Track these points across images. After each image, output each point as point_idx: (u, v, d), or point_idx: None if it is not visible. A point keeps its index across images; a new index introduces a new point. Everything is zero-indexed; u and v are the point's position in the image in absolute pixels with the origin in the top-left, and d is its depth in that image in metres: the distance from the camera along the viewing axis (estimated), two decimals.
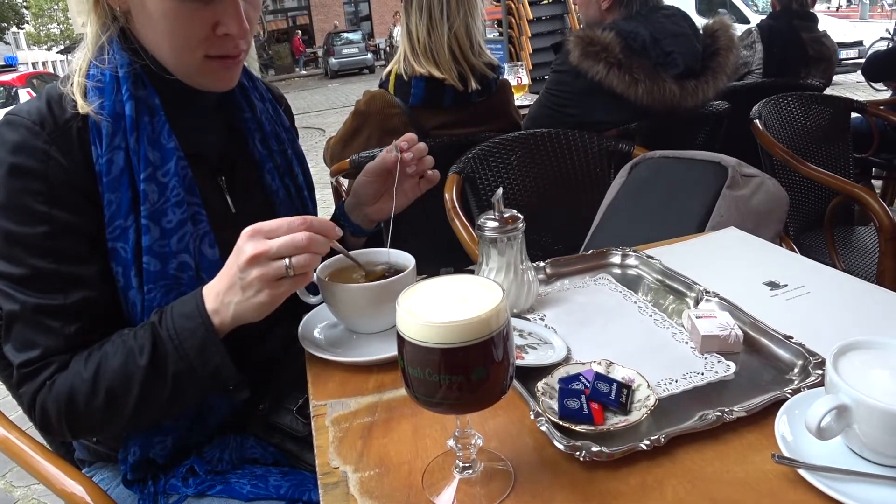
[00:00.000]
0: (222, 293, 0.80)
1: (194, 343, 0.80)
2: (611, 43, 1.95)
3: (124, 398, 0.82)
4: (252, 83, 1.08)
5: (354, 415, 0.77)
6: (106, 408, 0.83)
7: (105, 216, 0.86)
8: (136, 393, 0.82)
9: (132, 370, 0.81)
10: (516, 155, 1.89)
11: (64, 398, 0.83)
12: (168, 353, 0.81)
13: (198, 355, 0.80)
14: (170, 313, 0.83)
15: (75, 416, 0.84)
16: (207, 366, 0.81)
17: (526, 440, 0.70)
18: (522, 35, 5.23)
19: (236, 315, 0.80)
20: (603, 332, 0.92)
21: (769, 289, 1.01)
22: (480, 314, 0.53)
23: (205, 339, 0.80)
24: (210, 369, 0.81)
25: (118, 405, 0.83)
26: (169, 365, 0.81)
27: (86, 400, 0.82)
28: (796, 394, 0.73)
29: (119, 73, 0.89)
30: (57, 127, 0.85)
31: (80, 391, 0.82)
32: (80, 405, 0.83)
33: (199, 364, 0.81)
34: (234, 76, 0.95)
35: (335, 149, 2.17)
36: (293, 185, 1.10)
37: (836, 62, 3.14)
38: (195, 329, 0.80)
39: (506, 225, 0.91)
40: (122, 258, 0.87)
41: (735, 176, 1.49)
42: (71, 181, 0.84)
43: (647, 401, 0.72)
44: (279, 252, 0.76)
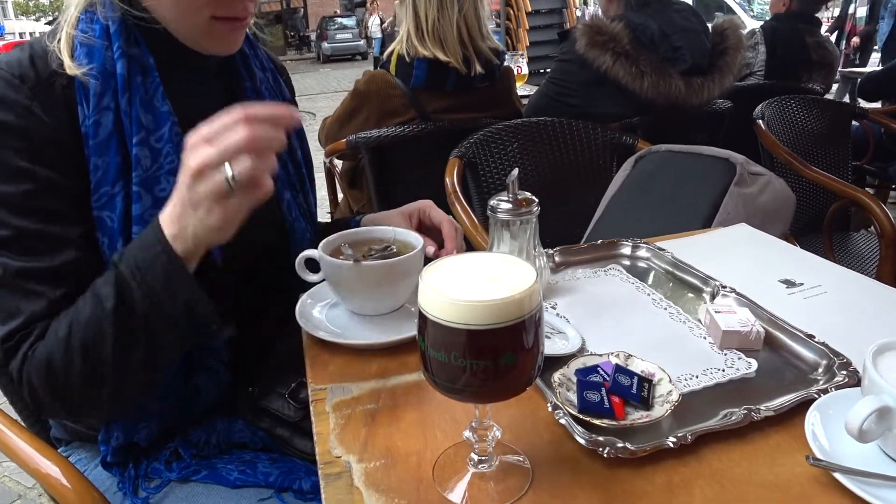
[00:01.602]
0: (177, 217, 0.71)
1: (157, 274, 0.71)
2: (619, 33, 1.92)
3: (99, 352, 0.73)
4: (253, 51, 1.02)
5: (357, 401, 0.72)
6: (84, 367, 0.74)
7: (91, 182, 0.80)
8: (111, 344, 0.73)
9: (100, 318, 0.73)
10: (519, 142, 1.84)
11: (43, 365, 0.75)
12: (133, 290, 0.72)
13: (164, 288, 0.72)
14: (129, 249, 0.75)
15: (56, 383, 0.76)
16: (176, 299, 0.72)
17: (542, 434, 0.66)
18: (520, 27, 5.19)
19: (197, 238, 0.71)
20: (617, 323, 0.88)
21: (785, 287, 0.98)
22: (514, 294, 0.48)
23: (168, 268, 0.71)
24: (180, 303, 0.73)
25: (95, 362, 0.74)
26: (136, 305, 0.72)
27: (63, 363, 0.74)
28: (824, 394, 0.69)
29: (111, 27, 0.82)
30: (39, 82, 0.79)
31: (56, 354, 0.74)
32: (59, 370, 0.75)
33: (166, 298, 0.72)
34: (238, 39, 0.89)
35: (331, 129, 2.11)
36: (291, 161, 1.05)
37: (837, 68, 3.13)
38: (155, 258, 0.72)
39: (520, 207, 0.86)
40: (108, 228, 0.81)
41: (743, 173, 1.46)
42: (54, 139, 0.78)
43: (670, 396, 0.68)
44: (221, 158, 0.66)
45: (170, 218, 0.72)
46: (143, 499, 0.89)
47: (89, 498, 0.79)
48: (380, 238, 0.91)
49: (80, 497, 0.78)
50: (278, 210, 1.01)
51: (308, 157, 1.09)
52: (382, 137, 1.93)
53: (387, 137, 1.93)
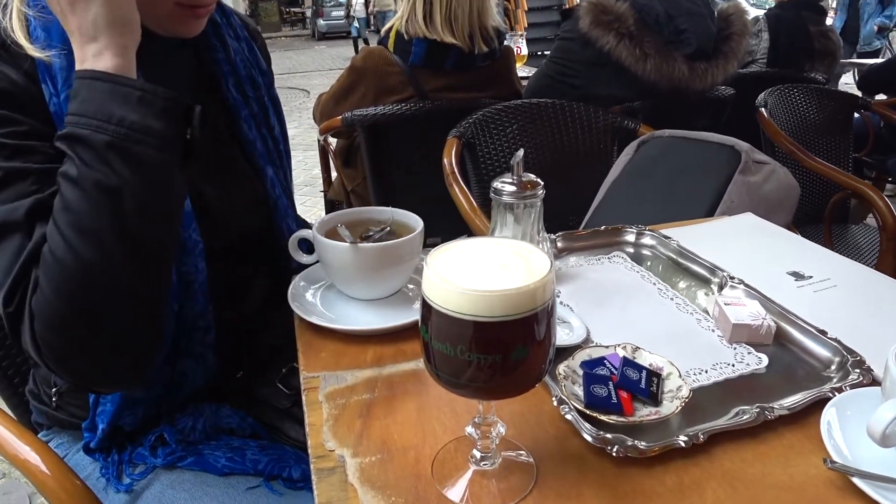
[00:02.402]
0: (76, 31, 0.69)
1: (95, 99, 0.67)
2: (624, 13, 1.87)
3: (89, 221, 0.66)
4: (226, 19, 0.95)
5: (351, 390, 0.69)
6: (84, 250, 0.66)
7: None
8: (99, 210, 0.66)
9: (74, 190, 0.66)
10: (518, 123, 1.80)
11: (51, 291, 0.66)
12: (86, 138, 0.66)
13: (107, 100, 0.67)
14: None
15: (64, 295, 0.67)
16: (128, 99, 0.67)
17: (547, 429, 0.63)
18: (519, 8, 5.11)
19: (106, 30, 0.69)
20: (622, 313, 0.84)
21: (794, 279, 0.95)
22: (528, 284, 0.45)
23: (100, 85, 0.67)
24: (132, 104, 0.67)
25: (94, 238, 0.66)
26: (97, 149, 0.66)
27: (60, 263, 0.66)
28: (838, 392, 0.66)
29: None
30: (1, 45, 0.74)
31: (52, 260, 0.66)
32: (63, 276, 0.66)
33: (116, 110, 0.66)
34: (203, 23, 0.84)
35: (327, 105, 2.06)
36: (270, 135, 0.99)
37: (839, 58, 3.09)
38: (88, 90, 0.67)
39: (525, 190, 0.82)
40: None
41: (748, 161, 1.43)
42: (27, 97, 0.73)
43: (680, 391, 0.65)
44: None
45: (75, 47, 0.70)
46: (127, 485, 0.85)
47: (69, 485, 0.75)
48: (378, 219, 0.87)
49: (60, 484, 0.75)
50: (262, 186, 0.96)
51: (285, 132, 1.04)
52: (379, 115, 1.88)
53: (383, 115, 1.88)
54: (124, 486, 0.85)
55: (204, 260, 0.84)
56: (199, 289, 0.83)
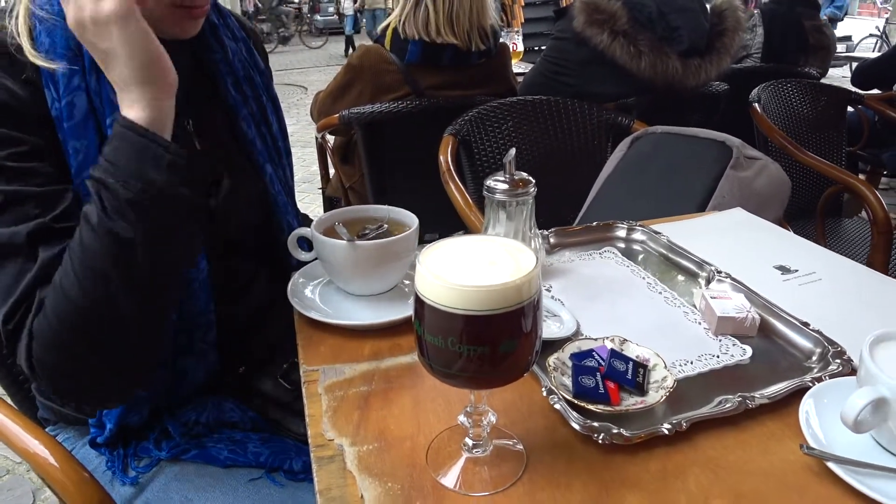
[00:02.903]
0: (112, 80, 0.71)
1: (126, 151, 0.69)
2: (617, 12, 1.89)
3: (101, 268, 0.68)
4: (223, 20, 0.97)
5: (349, 382, 0.72)
6: (93, 294, 0.68)
7: (72, 167, 0.77)
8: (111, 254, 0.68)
9: (91, 233, 0.68)
10: (514, 120, 1.82)
11: (55, 321, 0.69)
12: (111, 186, 0.68)
13: (136, 158, 0.69)
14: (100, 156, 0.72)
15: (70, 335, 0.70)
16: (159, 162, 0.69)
17: (537, 418, 0.65)
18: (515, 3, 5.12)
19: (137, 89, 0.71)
20: (612, 307, 0.87)
21: (780, 273, 0.97)
22: (515, 279, 0.47)
23: (132, 137, 0.69)
24: (163, 166, 0.69)
25: (101, 279, 0.68)
26: (119, 199, 0.67)
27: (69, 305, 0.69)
28: (818, 382, 0.69)
29: None
30: (3, 54, 0.76)
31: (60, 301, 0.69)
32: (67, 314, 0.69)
33: (143, 168, 0.68)
34: (198, 24, 0.85)
35: (324, 103, 2.07)
36: (269, 133, 1.01)
37: (833, 52, 3.11)
38: (121, 139, 0.69)
39: (517, 188, 0.85)
40: None
41: (739, 157, 1.45)
42: (28, 111, 0.75)
43: (665, 382, 0.68)
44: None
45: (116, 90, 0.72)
46: (133, 478, 0.88)
47: (77, 477, 0.78)
48: (374, 217, 0.89)
49: (68, 476, 0.77)
50: (262, 184, 0.99)
51: (284, 130, 1.07)
52: (376, 113, 1.90)
53: (380, 113, 1.90)
54: (130, 479, 0.88)
55: (205, 258, 0.86)
56: (201, 287, 0.86)
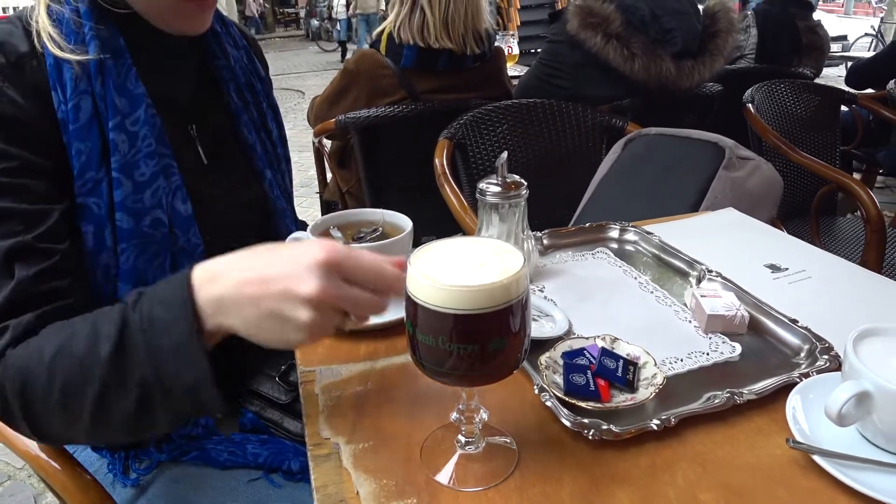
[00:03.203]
0: (231, 300, 0.61)
1: (170, 339, 0.60)
2: (611, 15, 1.91)
3: (80, 398, 0.63)
4: (226, 28, 1.00)
5: (346, 383, 0.73)
6: (61, 405, 0.64)
7: (74, 168, 0.78)
8: (94, 394, 0.63)
9: (92, 360, 0.63)
10: (508, 123, 1.84)
11: (19, 382, 0.65)
12: (137, 344, 0.62)
13: (172, 357, 0.61)
14: (149, 294, 0.64)
15: (31, 410, 0.66)
16: (182, 375, 0.61)
17: (528, 416, 0.67)
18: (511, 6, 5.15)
19: (232, 328, 0.62)
20: (604, 307, 0.88)
21: (770, 271, 0.99)
22: (502, 279, 0.49)
23: (184, 338, 0.60)
24: (185, 384, 0.61)
25: (74, 406, 0.64)
26: (136, 361, 0.62)
27: (42, 391, 0.64)
28: (806, 378, 0.70)
29: (80, 8, 0.81)
30: (10, 64, 0.76)
31: (37, 378, 0.64)
32: (37, 396, 0.65)
33: (171, 368, 0.61)
34: (207, 18, 0.87)
35: (321, 108, 2.09)
36: (268, 139, 1.04)
37: (827, 52, 3.13)
38: (174, 322, 0.61)
39: (509, 190, 0.86)
40: (94, 215, 0.79)
41: (732, 157, 1.47)
42: (27, 122, 0.75)
43: (655, 379, 0.69)
44: (354, 308, 0.60)
45: (216, 278, 0.62)
46: (134, 480, 0.89)
47: (79, 479, 0.79)
48: (369, 220, 0.91)
49: (70, 478, 0.79)
50: (261, 188, 1.00)
51: (283, 136, 1.09)
52: (372, 118, 1.92)
53: (376, 117, 1.92)
54: (131, 481, 0.89)
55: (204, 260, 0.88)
56: None
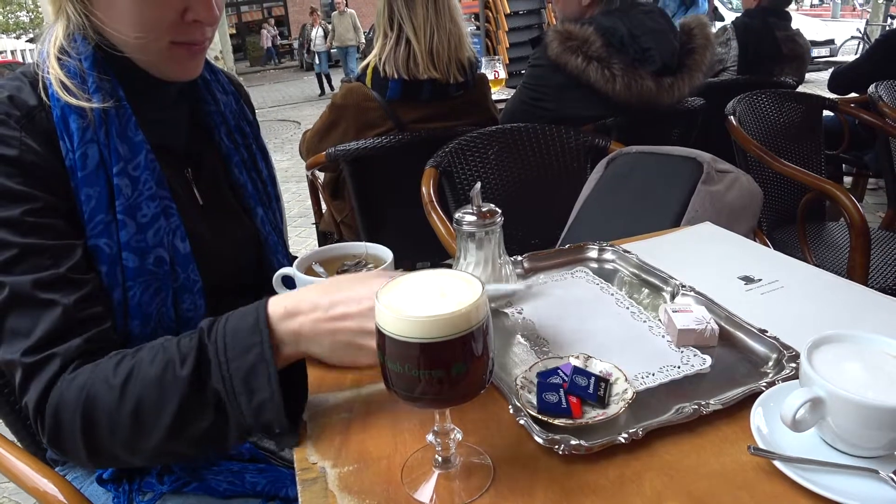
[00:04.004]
0: (308, 332, 0.72)
1: (243, 365, 0.69)
2: (590, 37, 1.96)
3: (156, 416, 0.70)
4: (214, 76, 1.07)
5: (332, 410, 0.77)
6: (133, 425, 0.71)
7: (84, 212, 0.84)
8: (173, 411, 0.70)
9: (170, 382, 0.70)
10: (493, 149, 1.89)
11: (84, 401, 0.72)
12: (211, 369, 0.70)
13: (244, 382, 0.69)
14: (225, 324, 0.73)
15: (95, 430, 0.72)
16: (252, 397, 0.69)
17: (505, 434, 0.70)
18: (500, 29, 5.23)
19: (316, 356, 0.76)
20: (581, 325, 0.92)
21: (744, 283, 1.02)
22: (460, 308, 0.53)
23: (257, 365, 0.69)
24: (255, 402, 0.69)
25: (147, 424, 0.71)
26: (210, 384, 0.70)
27: (110, 410, 0.71)
28: (771, 387, 0.73)
29: (83, 63, 0.87)
30: (23, 116, 0.83)
31: (105, 399, 0.71)
32: (103, 415, 0.71)
33: (242, 392, 0.69)
34: (198, 65, 0.94)
35: (311, 142, 2.15)
36: (259, 178, 1.10)
37: (808, 60, 3.19)
38: (249, 349, 0.70)
39: (484, 219, 0.91)
40: (106, 255, 0.85)
41: (710, 171, 1.51)
42: (44, 167, 0.82)
43: (625, 394, 0.72)
44: None
45: (297, 314, 0.72)
46: None
47: None
48: (352, 254, 0.95)
49: None
50: (253, 225, 1.05)
51: (273, 176, 1.15)
52: (361, 149, 1.97)
53: (365, 149, 1.97)
54: None
55: (203, 297, 0.93)
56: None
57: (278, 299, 0.74)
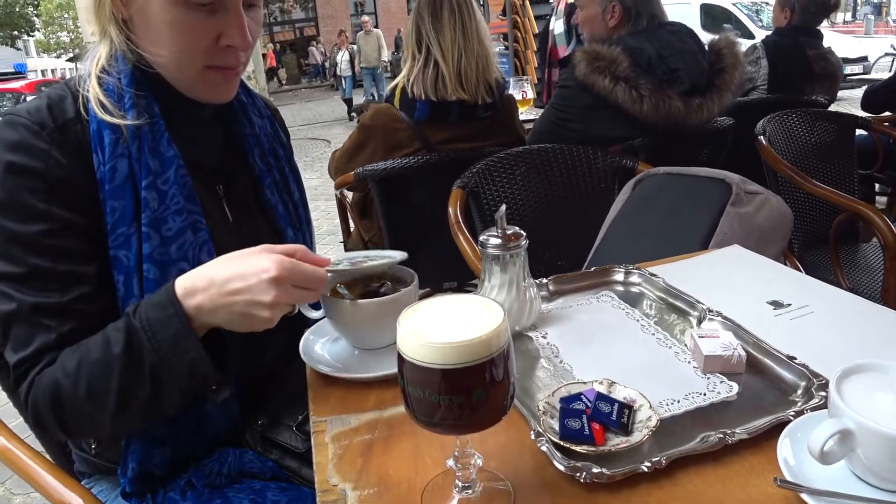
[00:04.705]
0: (210, 301, 0.79)
1: (167, 334, 0.79)
2: (617, 58, 1.96)
3: (104, 392, 0.81)
4: (251, 100, 1.09)
5: (355, 431, 0.77)
6: (88, 403, 0.82)
7: (108, 223, 0.87)
8: (116, 387, 0.80)
9: (109, 362, 0.80)
10: (521, 170, 1.89)
11: (48, 393, 0.82)
12: (142, 342, 0.79)
13: (172, 346, 0.79)
14: (143, 305, 0.82)
15: (62, 412, 0.83)
16: (183, 357, 0.79)
17: (526, 460, 0.70)
18: (528, 49, 5.26)
19: (218, 325, 0.82)
20: (605, 350, 0.91)
21: (773, 308, 1.00)
22: (481, 335, 0.53)
23: (179, 329, 0.79)
24: (186, 362, 0.79)
25: (99, 400, 0.81)
26: (144, 355, 0.79)
27: (69, 394, 0.81)
28: (799, 416, 0.72)
29: (122, 81, 0.90)
30: (57, 128, 0.86)
31: (63, 385, 0.81)
32: (65, 399, 0.82)
33: (173, 356, 0.79)
34: (232, 88, 0.96)
35: (340, 162, 2.17)
36: (290, 200, 1.12)
37: (840, 79, 3.14)
38: (168, 319, 0.79)
39: (508, 242, 0.91)
40: (124, 266, 0.88)
41: (739, 193, 1.49)
42: (70, 181, 0.85)
43: (649, 421, 0.72)
44: (299, 302, 0.81)
45: (195, 292, 0.80)
46: None
47: None
48: (376, 275, 0.96)
49: None
50: None
51: (304, 199, 1.16)
52: (389, 169, 1.99)
53: (393, 169, 1.99)
54: None
55: None
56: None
57: (181, 279, 0.82)
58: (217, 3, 0.86)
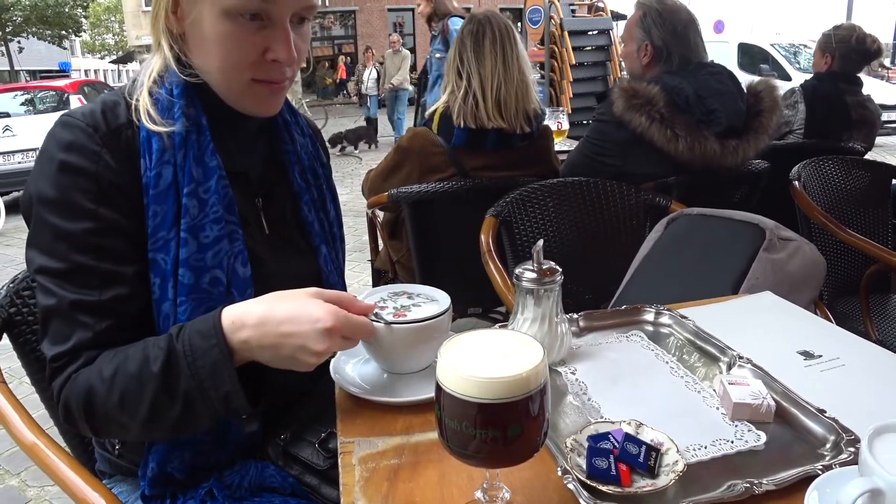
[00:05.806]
0: (256, 342, 0.82)
1: (206, 363, 0.81)
2: (655, 96, 1.97)
3: (136, 405, 0.83)
4: (294, 118, 1.13)
5: (382, 455, 0.78)
6: (120, 412, 0.84)
7: (149, 227, 0.90)
8: (148, 402, 0.83)
9: (146, 378, 0.83)
10: (554, 201, 1.90)
11: (83, 394, 0.85)
12: (180, 365, 0.82)
13: (209, 375, 0.81)
14: (189, 328, 0.84)
15: (93, 415, 0.86)
16: (218, 388, 0.82)
17: (552, 496, 0.70)
18: (564, 79, 5.31)
19: (260, 361, 0.85)
20: (633, 390, 0.92)
21: (803, 358, 1.00)
22: (521, 372, 0.54)
23: (218, 361, 0.81)
24: (221, 393, 0.82)
25: (130, 411, 0.84)
26: (181, 378, 0.82)
27: (102, 400, 0.84)
28: (827, 470, 0.72)
29: (174, 90, 0.94)
30: (109, 131, 0.90)
31: (98, 390, 0.84)
32: (97, 404, 0.85)
33: (210, 384, 0.82)
34: (277, 102, 0.99)
35: (375, 181, 2.21)
36: (326, 219, 1.14)
37: (878, 126, 3.11)
38: (210, 349, 0.82)
39: (544, 277, 0.92)
40: (161, 269, 0.90)
41: (773, 239, 1.49)
42: (118, 184, 0.89)
43: (676, 466, 0.72)
44: (353, 333, 0.85)
45: (243, 327, 0.82)
46: None
47: None
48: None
49: None
50: (315, 263, 1.09)
51: (340, 219, 1.19)
52: (423, 192, 2.01)
53: (427, 193, 2.01)
54: None
55: None
56: None
57: (229, 310, 0.84)
58: (265, 17, 0.90)
